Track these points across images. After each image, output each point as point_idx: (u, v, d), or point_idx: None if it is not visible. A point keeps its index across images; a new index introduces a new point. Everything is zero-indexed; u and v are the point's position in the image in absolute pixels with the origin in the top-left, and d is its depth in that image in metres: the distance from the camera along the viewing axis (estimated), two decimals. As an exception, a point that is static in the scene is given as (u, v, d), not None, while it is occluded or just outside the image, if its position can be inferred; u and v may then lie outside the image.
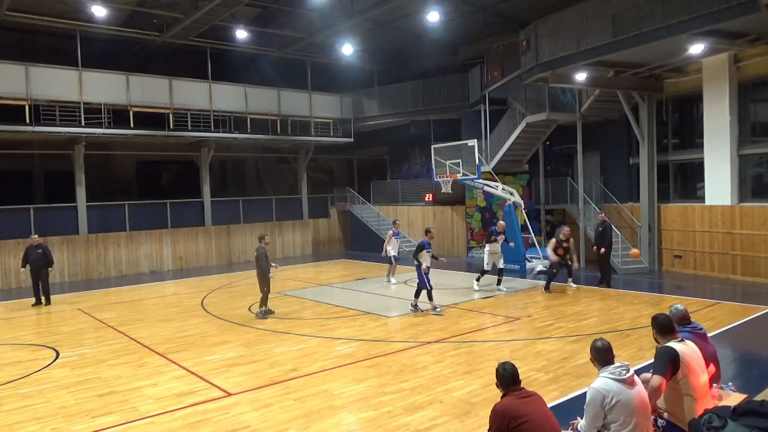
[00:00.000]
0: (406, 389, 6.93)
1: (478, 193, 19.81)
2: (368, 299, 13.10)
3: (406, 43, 21.98)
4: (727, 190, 14.34)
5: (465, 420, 5.93)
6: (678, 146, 16.61)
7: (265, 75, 22.50)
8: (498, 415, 4.04)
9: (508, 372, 4.22)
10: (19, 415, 6.54)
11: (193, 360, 8.55)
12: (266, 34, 20.42)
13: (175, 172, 24.81)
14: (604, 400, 4.09)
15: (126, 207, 19.66)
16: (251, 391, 7.06)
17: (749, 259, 13.80)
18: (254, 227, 22.00)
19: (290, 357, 8.53)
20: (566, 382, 6.98)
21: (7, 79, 16.47)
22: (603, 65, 14.30)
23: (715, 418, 4.32)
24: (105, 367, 8.37)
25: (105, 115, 17.89)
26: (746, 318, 10.10)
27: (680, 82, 15.76)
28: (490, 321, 10.50)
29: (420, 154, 24.99)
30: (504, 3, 17.90)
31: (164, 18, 18.26)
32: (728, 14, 10.79)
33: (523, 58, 15.72)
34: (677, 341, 4.77)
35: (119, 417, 6.35)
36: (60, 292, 15.61)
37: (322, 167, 29.04)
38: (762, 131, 14.41)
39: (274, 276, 12.01)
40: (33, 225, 17.24)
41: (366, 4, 17.68)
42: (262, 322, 10.96)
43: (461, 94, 21.90)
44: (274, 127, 21.93)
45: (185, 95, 19.76)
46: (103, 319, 11.93)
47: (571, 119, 17.40)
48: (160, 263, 20.11)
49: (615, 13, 12.91)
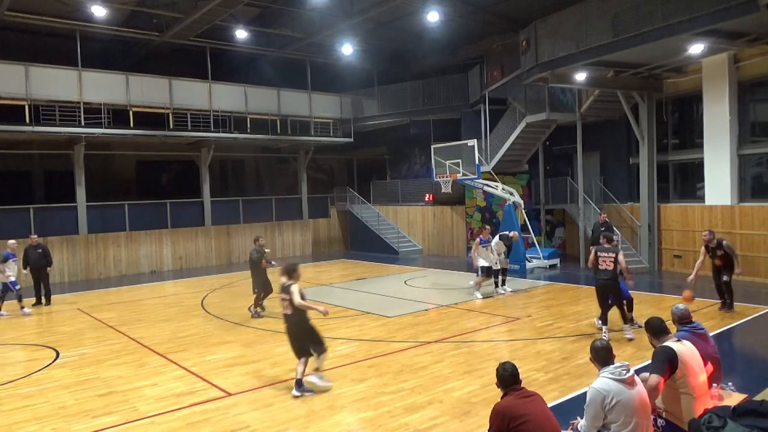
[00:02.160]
0: (406, 389, 6.93)
1: (478, 193, 19.80)
2: (368, 299, 13.10)
3: (405, 43, 21.97)
4: (726, 190, 14.34)
5: (465, 420, 5.93)
6: (678, 146, 16.61)
7: (265, 75, 22.50)
8: (498, 415, 4.04)
9: (508, 372, 4.23)
10: (19, 415, 6.54)
11: (193, 360, 8.56)
12: (266, 34, 20.42)
13: (174, 172, 24.80)
14: (605, 400, 4.09)
15: (126, 207, 19.65)
16: (251, 391, 7.06)
17: (749, 259, 13.79)
18: (254, 227, 22.00)
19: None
20: (566, 382, 6.98)
21: (7, 79, 16.46)
22: (603, 65, 14.29)
23: (715, 417, 4.32)
24: (105, 367, 8.37)
25: (105, 115, 17.88)
26: (746, 318, 10.10)
27: (680, 82, 15.76)
28: (490, 321, 10.49)
29: (420, 154, 24.99)
30: (504, 3, 17.90)
31: (164, 18, 18.25)
32: (728, 14, 10.79)
33: (522, 58, 15.71)
34: (674, 341, 4.77)
35: (119, 417, 6.35)
36: (60, 292, 15.60)
37: (322, 167, 29.04)
38: (762, 131, 14.41)
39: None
40: (33, 225, 17.23)
41: (366, 4, 17.68)
42: (262, 322, 10.97)
43: (461, 94, 21.89)
44: (273, 127, 21.93)
45: (185, 95, 19.75)
46: (103, 319, 11.93)
47: (570, 119, 17.40)
48: (159, 263, 20.11)
49: (615, 13, 12.91)
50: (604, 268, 8.89)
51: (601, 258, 8.95)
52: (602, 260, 8.93)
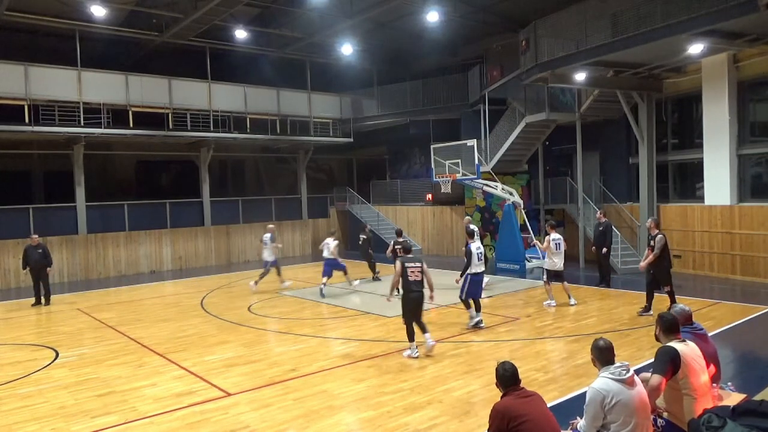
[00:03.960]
0: (406, 389, 6.93)
1: (478, 193, 19.79)
2: (368, 299, 13.10)
3: (405, 43, 21.97)
4: (726, 190, 14.34)
5: (464, 420, 5.93)
6: (677, 146, 16.61)
7: (265, 75, 22.48)
8: (498, 415, 4.04)
9: (507, 372, 4.22)
10: (18, 415, 6.54)
11: (193, 360, 8.55)
12: (266, 34, 20.42)
13: (174, 172, 24.81)
14: (604, 400, 4.09)
15: (125, 207, 19.64)
16: (250, 391, 7.05)
17: (748, 259, 13.81)
18: (254, 227, 22.00)
19: (289, 357, 8.53)
20: (566, 382, 6.98)
21: (7, 79, 16.46)
22: (602, 65, 14.29)
23: (715, 417, 4.32)
24: (104, 367, 8.36)
25: (104, 115, 17.87)
26: (746, 318, 10.10)
27: (680, 82, 15.76)
28: (490, 321, 10.49)
29: (419, 154, 24.99)
30: (504, 3, 17.90)
31: (164, 18, 18.25)
32: (728, 14, 10.79)
33: (522, 58, 15.72)
34: (678, 341, 4.77)
35: (118, 417, 6.35)
36: (59, 292, 15.60)
37: (322, 167, 29.04)
38: (761, 131, 14.41)
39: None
40: (32, 225, 17.22)
41: (366, 4, 17.67)
42: (262, 322, 10.96)
43: (461, 94, 21.89)
44: (273, 127, 21.92)
45: (184, 95, 19.74)
46: (103, 319, 11.92)
47: (570, 119, 17.40)
48: (159, 263, 20.10)
49: (615, 13, 12.91)
50: (414, 279, 8.13)
51: (409, 270, 8.14)
52: (411, 272, 8.14)
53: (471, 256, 9.90)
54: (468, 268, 9.86)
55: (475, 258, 9.91)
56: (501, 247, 17.13)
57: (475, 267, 9.91)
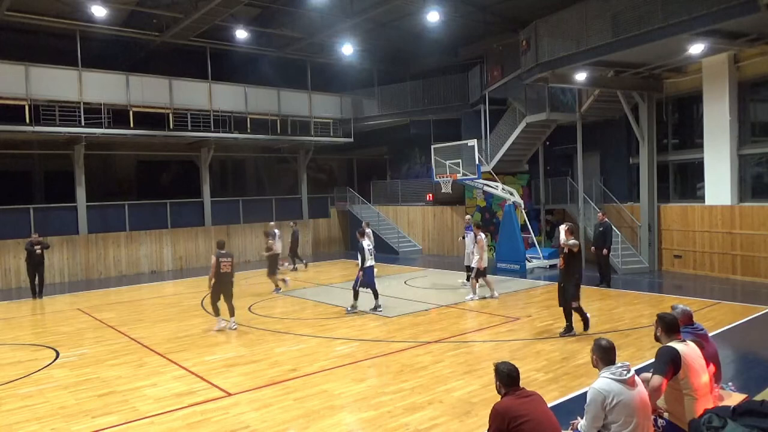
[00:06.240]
0: (406, 389, 6.93)
1: (478, 193, 19.80)
2: (368, 299, 13.08)
3: (406, 43, 21.96)
4: (726, 190, 14.34)
5: (465, 420, 5.93)
6: (678, 146, 16.61)
7: (265, 75, 22.49)
8: (498, 415, 4.03)
9: (508, 372, 4.22)
10: (18, 415, 6.54)
11: (193, 360, 8.55)
12: (266, 34, 20.42)
13: (174, 172, 24.79)
14: (605, 400, 4.09)
15: (126, 207, 19.64)
16: (251, 391, 7.05)
17: (749, 259, 13.80)
18: (254, 227, 22.00)
19: (290, 357, 8.53)
20: (566, 382, 6.97)
21: (7, 79, 16.46)
22: (603, 65, 14.29)
23: (715, 417, 4.32)
24: (105, 367, 8.37)
25: (105, 115, 17.88)
26: (746, 318, 10.09)
27: (680, 82, 15.75)
28: (490, 321, 10.49)
29: (420, 154, 24.99)
30: (504, 3, 17.88)
31: (164, 18, 18.25)
32: (728, 14, 10.78)
33: (523, 58, 15.71)
34: (679, 341, 4.77)
35: (119, 417, 6.35)
36: (60, 292, 15.61)
37: (322, 167, 29.04)
38: (762, 131, 14.41)
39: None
40: (33, 225, 17.21)
41: (366, 4, 17.67)
42: (262, 322, 10.97)
43: (461, 94, 21.89)
44: (274, 127, 21.93)
45: (185, 95, 19.75)
46: (103, 319, 11.93)
47: (571, 119, 17.40)
48: (159, 263, 20.10)
49: (615, 13, 12.90)
50: (225, 270, 10.45)
51: (222, 263, 10.36)
52: (223, 264, 10.39)
53: (364, 252, 11.37)
54: (363, 263, 11.33)
55: (368, 254, 11.41)
56: (501, 247, 17.13)
57: (368, 261, 11.39)
